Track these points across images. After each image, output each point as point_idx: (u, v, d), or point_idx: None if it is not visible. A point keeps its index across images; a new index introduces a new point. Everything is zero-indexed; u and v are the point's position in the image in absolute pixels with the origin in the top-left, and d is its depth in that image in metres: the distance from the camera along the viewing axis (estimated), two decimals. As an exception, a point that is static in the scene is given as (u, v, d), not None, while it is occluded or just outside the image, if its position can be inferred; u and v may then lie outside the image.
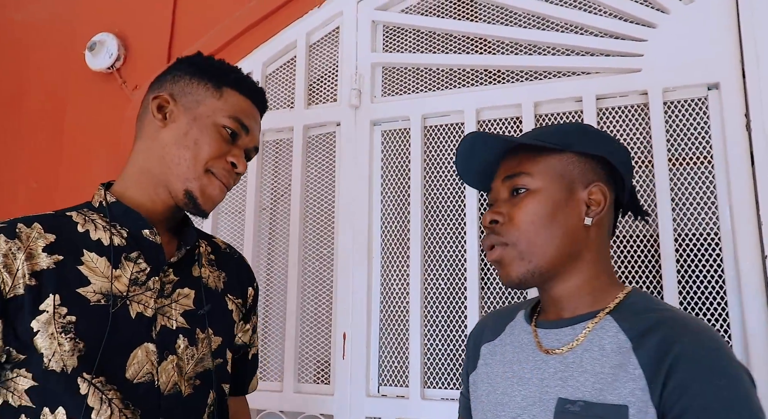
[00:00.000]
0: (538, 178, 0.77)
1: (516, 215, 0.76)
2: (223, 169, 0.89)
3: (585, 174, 0.78)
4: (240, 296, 1.00)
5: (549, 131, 0.81)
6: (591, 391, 0.69)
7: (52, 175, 1.92)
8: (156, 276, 0.86)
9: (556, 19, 1.43)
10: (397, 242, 1.52)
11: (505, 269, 0.77)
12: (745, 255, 1.18)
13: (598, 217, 0.77)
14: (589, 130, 0.82)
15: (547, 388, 0.74)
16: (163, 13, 1.87)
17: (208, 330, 0.90)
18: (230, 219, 1.70)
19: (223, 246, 1.05)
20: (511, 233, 0.76)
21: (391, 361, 1.46)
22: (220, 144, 0.88)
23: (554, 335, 0.77)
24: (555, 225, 0.75)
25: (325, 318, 1.55)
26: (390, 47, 1.61)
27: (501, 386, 0.80)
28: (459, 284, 1.44)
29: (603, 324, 0.74)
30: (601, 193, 0.77)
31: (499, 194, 0.80)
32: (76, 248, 0.82)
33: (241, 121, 0.91)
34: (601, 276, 0.78)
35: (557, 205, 0.76)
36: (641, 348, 0.69)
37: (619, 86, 1.34)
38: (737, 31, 1.25)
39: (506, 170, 0.80)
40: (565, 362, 0.74)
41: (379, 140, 1.56)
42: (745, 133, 1.21)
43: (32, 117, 2.04)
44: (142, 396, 0.81)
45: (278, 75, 1.73)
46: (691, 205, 1.27)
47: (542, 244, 0.75)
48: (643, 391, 0.66)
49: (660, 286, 1.25)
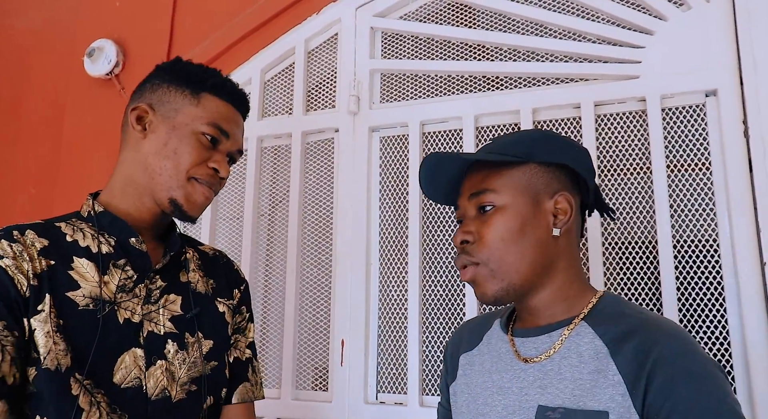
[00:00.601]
0: (503, 193, 0.76)
1: (485, 233, 0.75)
2: (206, 175, 0.90)
3: (549, 184, 0.78)
4: (230, 298, 1.00)
5: (509, 142, 0.80)
6: (570, 398, 0.70)
7: (51, 181, 1.92)
8: (142, 283, 0.87)
9: (554, 26, 1.44)
10: (395, 248, 1.52)
11: (480, 288, 0.77)
12: (744, 261, 1.17)
13: (566, 226, 0.77)
14: (549, 136, 0.81)
15: (526, 396, 0.74)
16: (161, 19, 1.88)
17: (197, 334, 0.90)
18: (228, 225, 1.70)
19: (211, 252, 1.04)
20: (482, 252, 0.75)
21: (390, 368, 1.46)
22: (200, 151, 0.89)
23: (531, 343, 0.77)
24: (525, 240, 0.75)
25: (324, 325, 1.55)
26: (388, 54, 1.62)
27: (481, 396, 0.80)
28: (457, 291, 1.44)
29: (579, 331, 0.74)
30: (567, 201, 0.77)
31: (466, 211, 0.80)
32: (67, 254, 0.83)
33: (220, 127, 0.90)
34: (575, 283, 0.78)
35: (525, 220, 0.75)
36: (619, 354, 0.69)
37: (617, 93, 1.34)
38: (735, 38, 1.25)
39: (471, 187, 0.79)
40: (544, 370, 0.74)
41: (378, 146, 1.56)
42: (743, 139, 1.21)
43: (31, 123, 2.04)
44: (129, 400, 0.81)
45: (277, 81, 1.73)
46: (690, 211, 1.27)
47: (514, 261, 0.75)
48: (623, 397, 0.67)
49: (659, 293, 1.25)
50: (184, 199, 0.88)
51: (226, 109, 0.93)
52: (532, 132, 0.83)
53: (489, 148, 0.81)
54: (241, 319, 1.03)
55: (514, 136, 0.82)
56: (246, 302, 1.05)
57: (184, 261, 0.96)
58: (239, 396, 0.99)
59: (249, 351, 1.03)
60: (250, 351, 1.03)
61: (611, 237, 1.33)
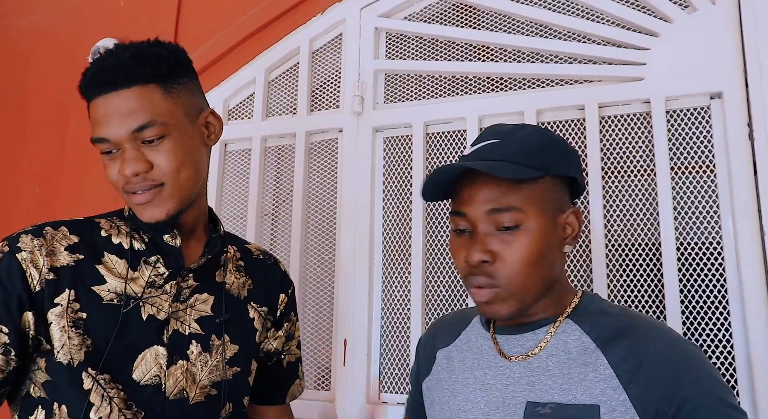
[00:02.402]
0: (528, 212, 0.72)
1: (508, 256, 0.71)
2: (124, 187, 0.83)
3: (561, 198, 0.76)
4: (265, 304, 0.99)
5: (521, 150, 0.73)
6: (560, 392, 0.70)
7: (55, 180, 1.92)
8: (173, 280, 0.86)
9: (558, 28, 1.43)
10: (398, 249, 1.52)
11: (493, 308, 0.74)
12: (748, 264, 1.17)
13: (575, 242, 0.76)
14: (556, 142, 0.77)
15: (513, 393, 0.74)
16: (166, 19, 1.88)
17: (224, 337, 0.89)
18: (232, 225, 1.71)
19: (256, 252, 1.03)
20: (503, 275, 0.71)
21: (392, 368, 1.46)
22: (110, 166, 0.83)
23: (515, 341, 0.77)
24: (545, 262, 0.73)
25: (326, 325, 1.55)
26: (393, 54, 1.62)
27: (462, 393, 0.80)
28: (460, 291, 1.44)
29: (565, 328, 0.75)
30: (576, 216, 0.76)
31: (478, 225, 0.73)
32: (98, 250, 0.84)
33: (96, 139, 0.82)
34: (560, 283, 0.78)
35: (547, 241, 0.73)
36: (610, 350, 0.70)
37: (621, 95, 1.34)
38: (740, 40, 1.25)
39: (488, 200, 0.72)
40: (530, 367, 0.74)
41: (382, 147, 1.57)
42: (748, 142, 1.21)
43: (36, 122, 2.05)
44: (148, 398, 0.81)
45: (281, 81, 1.74)
46: (693, 213, 1.27)
47: (533, 283, 0.73)
48: (615, 391, 0.68)
49: (661, 295, 1.25)
50: (134, 211, 0.86)
51: (95, 110, 0.81)
52: (542, 137, 0.76)
53: (497, 150, 0.74)
54: (291, 325, 1.04)
55: (520, 140, 0.75)
56: (294, 307, 1.05)
57: (223, 261, 0.95)
58: (291, 395, 1.04)
59: (298, 350, 1.06)
60: (299, 350, 1.07)
61: (614, 239, 1.33)
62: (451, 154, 1.51)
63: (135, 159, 0.80)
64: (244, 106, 1.76)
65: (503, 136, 0.76)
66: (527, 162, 0.72)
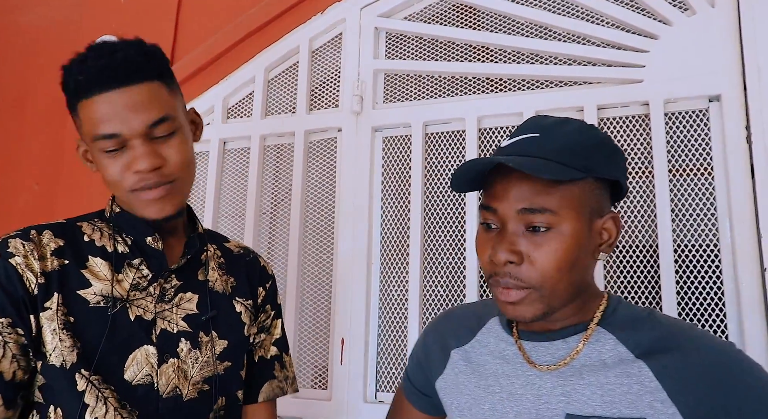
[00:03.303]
0: (563, 215, 0.67)
1: (538, 259, 0.67)
2: (137, 183, 0.81)
3: (600, 202, 0.70)
4: (250, 297, 0.99)
5: (564, 147, 0.68)
6: (602, 405, 0.67)
7: (54, 177, 1.92)
8: (156, 281, 0.87)
9: (558, 29, 1.44)
10: (396, 248, 1.52)
11: (518, 310, 0.69)
12: (745, 267, 1.18)
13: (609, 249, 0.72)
14: (603, 143, 0.72)
15: (547, 405, 0.71)
16: (166, 16, 1.88)
17: (212, 333, 0.90)
18: (230, 223, 1.71)
19: (236, 249, 1.03)
20: (532, 277, 0.67)
21: (389, 367, 1.46)
22: (112, 165, 0.80)
23: (545, 349, 0.74)
24: (577, 267, 0.69)
25: (324, 324, 1.55)
26: (392, 54, 1.62)
27: (488, 401, 0.77)
28: (458, 291, 1.44)
29: (597, 337, 0.72)
30: (614, 222, 0.71)
31: (507, 223, 0.69)
32: (82, 253, 0.84)
33: (102, 135, 0.78)
34: (589, 288, 0.74)
35: (581, 247, 0.68)
36: (654, 361, 0.67)
37: (620, 97, 1.34)
38: (739, 43, 1.25)
39: (521, 198, 0.68)
40: (563, 377, 0.71)
41: (380, 146, 1.57)
42: (746, 145, 1.21)
43: (35, 120, 2.05)
44: (141, 397, 0.81)
45: (280, 80, 1.74)
46: (691, 216, 1.28)
47: (563, 289, 0.68)
48: (664, 404, 0.65)
49: (658, 297, 1.25)
50: (138, 211, 0.84)
51: (99, 106, 0.78)
52: (587, 135, 0.71)
53: (537, 145, 0.69)
54: (266, 318, 1.02)
55: (564, 136, 0.70)
56: (271, 300, 1.03)
57: (204, 260, 0.95)
58: (264, 395, 0.99)
59: (275, 348, 1.02)
60: (275, 348, 1.02)
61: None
62: (450, 154, 1.52)
63: (150, 153, 0.79)
64: (244, 104, 1.76)
65: (545, 130, 0.71)
66: (568, 161, 0.67)
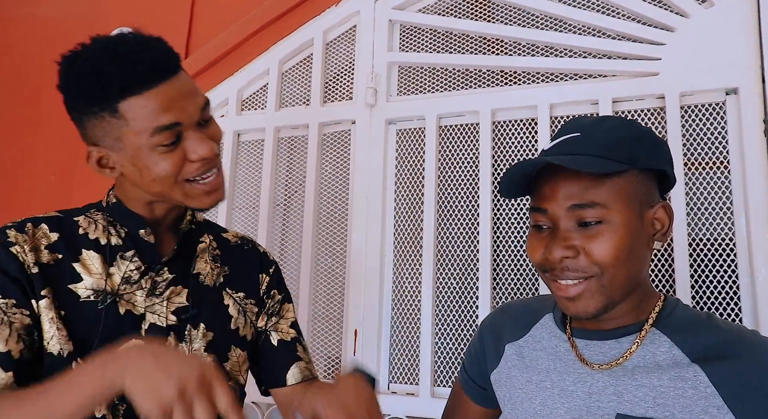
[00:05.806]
0: (612, 208, 0.68)
1: (593, 251, 0.68)
2: (196, 171, 0.81)
3: (649, 192, 0.72)
4: (242, 289, 0.99)
5: (608, 143, 0.70)
6: (654, 407, 0.68)
7: (70, 168, 1.94)
8: (147, 275, 0.87)
9: (573, 22, 1.43)
10: (409, 240, 1.53)
11: (582, 304, 0.70)
12: (760, 261, 1.17)
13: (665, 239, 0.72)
14: (646, 134, 0.73)
15: (598, 403, 0.71)
16: (181, 9, 1.89)
17: (200, 325, 0.91)
18: (244, 214, 1.72)
19: (234, 239, 1.03)
20: (591, 267, 0.68)
21: (402, 359, 1.48)
22: (165, 159, 0.79)
23: (597, 348, 0.74)
24: (633, 258, 0.69)
25: (337, 315, 1.57)
26: (406, 47, 1.62)
27: (539, 396, 0.77)
28: (471, 283, 1.45)
29: (652, 338, 0.72)
30: (666, 211, 0.72)
31: (559, 221, 0.70)
32: (76, 247, 0.85)
33: (164, 126, 0.77)
34: (644, 285, 0.74)
35: (634, 236, 0.69)
36: (712, 367, 0.67)
37: (636, 89, 1.34)
38: (758, 36, 1.24)
39: (570, 196, 0.69)
40: (615, 376, 0.71)
41: (394, 139, 1.57)
42: (763, 138, 1.21)
43: (51, 112, 2.07)
44: None
45: (294, 72, 1.74)
46: (706, 209, 1.27)
47: (623, 278, 0.69)
48: (720, 410, 0.65)
49: (673, 291, 1.25)
50: (191, 201, 0.84)
51: (155, 99, 0.77)
52: (629, 128, 0.73)
53: (579, 144, 0.71)
54: (273, 303, 1.02)
55: (605, 132, 0.72)
56: (277, 285, 1.03)
57: (197, 252, 0.96)
58: (296, 377, 0.98)
59: (293, 330, 1.01)
60: (294, 330, 1.01)
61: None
62: (464, 147, 1.52)
63: (206, 139, 0.81)
64: (258, 96, 1.77)
65: (586, 129, 0.73)
66: (612, 155, 0.68)
